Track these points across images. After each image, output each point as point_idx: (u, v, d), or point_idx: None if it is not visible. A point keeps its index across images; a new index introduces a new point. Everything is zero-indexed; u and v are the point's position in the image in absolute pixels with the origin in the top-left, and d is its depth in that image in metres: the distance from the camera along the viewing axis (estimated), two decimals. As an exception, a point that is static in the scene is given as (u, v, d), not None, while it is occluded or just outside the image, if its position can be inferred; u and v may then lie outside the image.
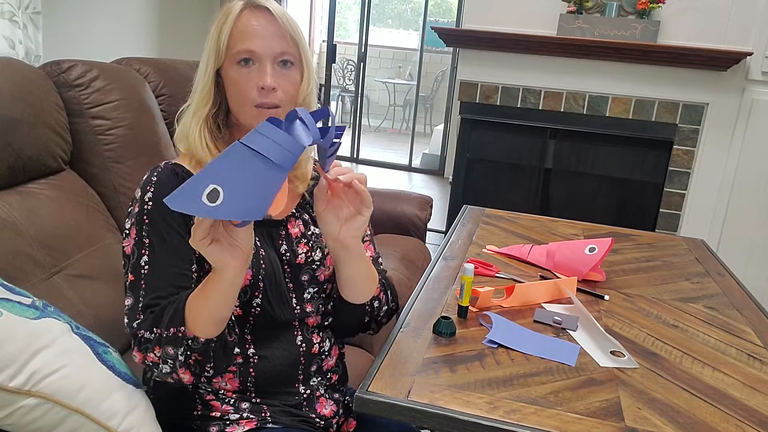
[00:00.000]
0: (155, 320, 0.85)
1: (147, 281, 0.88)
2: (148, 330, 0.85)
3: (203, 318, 0.82)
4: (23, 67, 1.32)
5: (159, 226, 0.89)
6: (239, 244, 0.76)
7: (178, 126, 0.98)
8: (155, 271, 0.88)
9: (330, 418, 1.02)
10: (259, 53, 0.92)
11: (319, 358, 1.02)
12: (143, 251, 0.89)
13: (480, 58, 2.95)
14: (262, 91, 0.92)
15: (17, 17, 2.04)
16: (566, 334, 1.02)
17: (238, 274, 0.78)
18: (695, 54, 2.60)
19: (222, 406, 0.96)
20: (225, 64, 0.94)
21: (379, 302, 1.02)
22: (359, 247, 0.92)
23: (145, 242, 0.89)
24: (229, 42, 0.93)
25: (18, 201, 1.21)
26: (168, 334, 0.83)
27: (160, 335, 0.84)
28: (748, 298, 1.26)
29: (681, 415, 0.82)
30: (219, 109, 0.97)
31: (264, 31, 0.92)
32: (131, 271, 0.89)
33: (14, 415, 0.78)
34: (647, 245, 1.56)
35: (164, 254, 0.89)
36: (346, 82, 7.87)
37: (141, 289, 0.88)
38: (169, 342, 0.84)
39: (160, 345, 0.84)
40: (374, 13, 8.31)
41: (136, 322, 0.87)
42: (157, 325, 0.85)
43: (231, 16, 0.93)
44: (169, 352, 0.84)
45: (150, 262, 0.88)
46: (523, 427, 0.77)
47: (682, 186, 2.88)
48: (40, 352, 0.81)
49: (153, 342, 0.85)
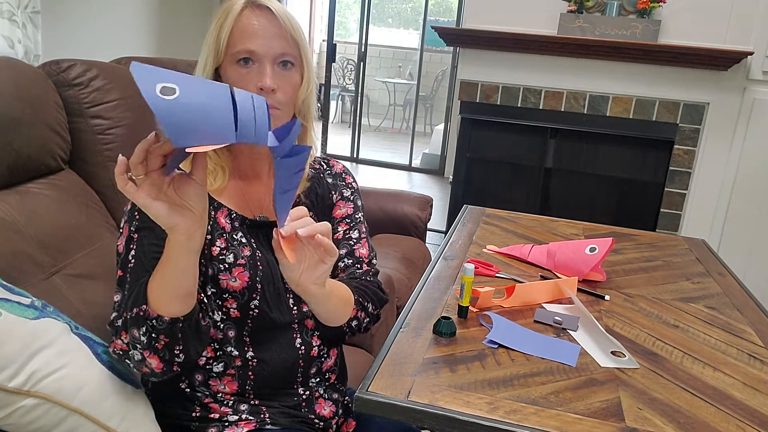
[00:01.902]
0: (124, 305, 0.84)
1: (132, 274, 0.86)
2: (121, 317, 0.84)
3: (165, 293, 0.78)
4: (22, 67, 1.32)
5: (147, 222, 0.86)
6: (189, 205, 0.71)
7: None
8: (140, 262, 0.87)
9: (329, 419, 1.02)
10: (259, 53, 0.91)
11: (318, 361, 1.02)
12: (131, 246, 0.88)
13: (480, 58, 2.94)
14: (261, 92, 0.90)
15: (16, 16, 2.04)
16: (567, 335, 1.02)
17: (190, 237, 0.73)
18: (696, 53, 2.60)
19: (221, 408, 0.96)
20: (224, 63, 0.93)
21: (358, 320, 1.00)
22: (322, 291, 0.84)
23: (134, 237, 0.88)
24: (229, 41, 0.91)
25: (17, 201, 1.20)
26: (131, 315, 0.81)
27: (125, 318, 0.82)
28: (749, 298, 1.26)
29: (682, 416, 0.81)
30: None
31: (265, 31, 0.91)
32: (120, 267, 0.88)
33: (14, 415, 0.78)
34: (648, 245, 1.56)
35: (151, 249, 0.87)
36: (346, 82, 7.87)
37: (126, 282, 0.87)
38: (133, 323, 0.80)
39: (126, 329, 0.82)
40: (374, 12, 8.32)
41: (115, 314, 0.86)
42: (124, 308, 0.83)
43: (231, 15, 0.91)
44: (134, 334, 0.81)
45: (136, 255, 0.87)
46: (524, 427, 0.77)
47: (682, 186, 2.87)
48: (39, 352, 0.81)
49: (120, 327, 0.83)
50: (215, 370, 0.96)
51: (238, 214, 0.97)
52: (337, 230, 1.07)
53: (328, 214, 1.09)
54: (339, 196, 1.09)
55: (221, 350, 0.95)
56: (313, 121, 1.03)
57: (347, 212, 1.09)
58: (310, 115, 1.00)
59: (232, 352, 0.95)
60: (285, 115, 0.94)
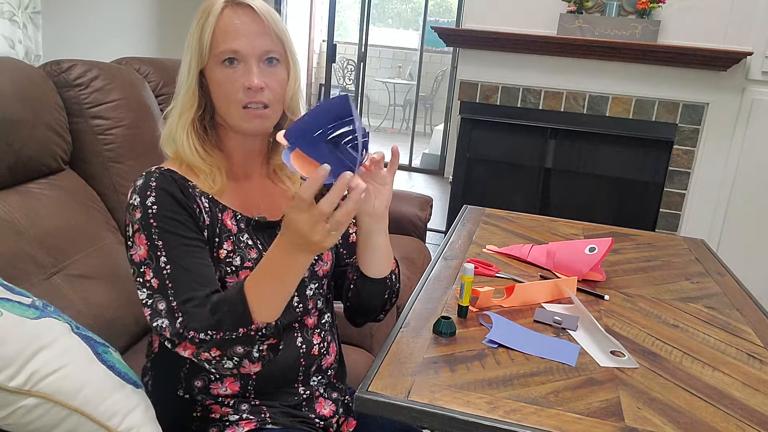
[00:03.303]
0: (208, 322, 0.83)
1: (172, 279, 0.85)
2: (202, 331, 0.83)
3: (281, 301, 0.84)
4: (23, 67, 1.32)
5: (168, 225, 0.87)
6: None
7: (164, 129, 0.95)
8: (178, 267, 0.86)
9: (329, 418, 1.02)
10: (243, 52, 0.89)
11: (319, 359, 1.02)
12: (159, 253, 0.86)
13: (480, 58, 2.95)
14: (248, 91, 0.89)
15: (17, 17, 2.04)
16: (566, 334, 1.02)
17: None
18: (695, 54, 2.60)
19: (221, 408, 0.96)
20: (209, 64, 0.91)
21: (395, 276, 1.04)
22: (387, 215, 0.97)
23: (159, 244, 0.86)
24: (212, 42, 0.90)
25: (18, 201, 1.20)
26: (236, 335, 0.83)
27: (222, 339, 0.83)
28: (748, 298, 1.26)
29: (681, 415, 0.82)
30: (205, 110, 0.94)
31: (247, 30, 0.90)
32: (155, 276, 0.86)
33: (14, 414, 0.78)
34: (647, 245, 1.56)
35: (181, 249, 0.87)
36: (346, 82, 7.87)
37: (169, 289, 0.85)
38: (239, 342, 0.83)
39: (221, 347, 0.83)
40: (374, 12, 8.32)
41: (179, 321, 0.84)
42: (215, 328, 0.83)
43: (212, 15, 0.90)
44: (237, 351, 0.84)
45: (170, 260, 0.86)
46: (523, 427, 0.77)
47: (682, 186, 2.88)
48: (40, 352, 0.81)
49: (209, 343, 0.83)
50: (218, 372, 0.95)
51: (243, 215, 0.96)
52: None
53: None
54: None
55: None
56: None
57: None
58: (298, 111, 0.99)
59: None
60: (275, 112, 0.94)
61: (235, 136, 0.96)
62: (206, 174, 0.93)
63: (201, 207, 0.91)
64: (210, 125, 0.96)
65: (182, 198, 0.89)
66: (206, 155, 0.94)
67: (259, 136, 0.97)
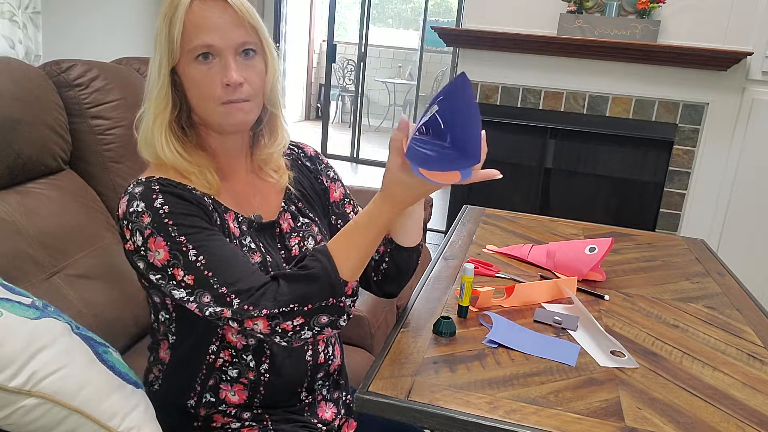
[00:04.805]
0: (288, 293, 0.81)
1: (211, 268, 0.82)
2: (279, 305, 0.80)
3: (366, 258, 0.85)
4: (23, 67, 1.32)
5: (186, 221, 0.83)
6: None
7: (138, 134, 0.90)
8: (212, 255, 0.82)
9: (331, 422, 1.02)
10: (218, 46, 0.84)
11: (325, 366, 1.02)
12: (184, 249, 0.82)
13: (480, 58, 2.95)
14: (227, 87, 0.85)
15: (17, 17, 2.04)
16: (566, 334, 1.02)
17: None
18: (695, 54, 2.60)
19: (223, 418, 0.96)
20: (181, 61, 0.85)
21: (420, 246, 1.07)
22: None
23: (181, 240, 0.82)
24: (183, 37, 0.84)
25: (18, 201, 1.20)
26: (325, 303, 0.82)
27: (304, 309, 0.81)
28: (748, 298, 1.26)
29: (681, 415, 0.82)
30: (180, 110, 0.89)
31: (220, 21, 0.84)
32: (187, 273, 0.82)
33: (14, 415, 0.78)
34: (647, 245, 1.56)
35: (209, 240, 0.84)
36: (346, 82, 7.87)
37: (210, 278, 0.81)
38: (326, 311, 0.82)
39: (306, 316, 0.82)
40: (374, 12, 8.32)
41: (237, 301, 0.81)
42: (298, 301, 0.81)
43: (181, 9, 0.84)
44: (322, 320, 0.83)
45: (200, 252, 0.82)
46: (523, 427, 0.77)
47: (682, 186, 2.88)
48: (40, 352, 0.81)
49: (291, 314, 0.81)
50: (230, 373, 0.94)
51: (245, 217, 0.94)
52: (346, 211, 1.08)
53: (325, 199, 1.08)
54: (327, 179, 1.09)
55: (237, 357, 0.94)
56: (281, 108, 0.98)
57: (343, 192, 1.10)
58: (278, 102, 0.96)
59: (251, 362, 0.94)
60: (256, 105, 0.90)
61: (216, 134, 0.92)
62: (197, 174, 0.89)
63: (207, 207, 0.89)
64: (187, 125, 0.91)
65: (191, 197, 0.86)
66: (189, 156, 0.89)
67: (239, 132, 0.93)
